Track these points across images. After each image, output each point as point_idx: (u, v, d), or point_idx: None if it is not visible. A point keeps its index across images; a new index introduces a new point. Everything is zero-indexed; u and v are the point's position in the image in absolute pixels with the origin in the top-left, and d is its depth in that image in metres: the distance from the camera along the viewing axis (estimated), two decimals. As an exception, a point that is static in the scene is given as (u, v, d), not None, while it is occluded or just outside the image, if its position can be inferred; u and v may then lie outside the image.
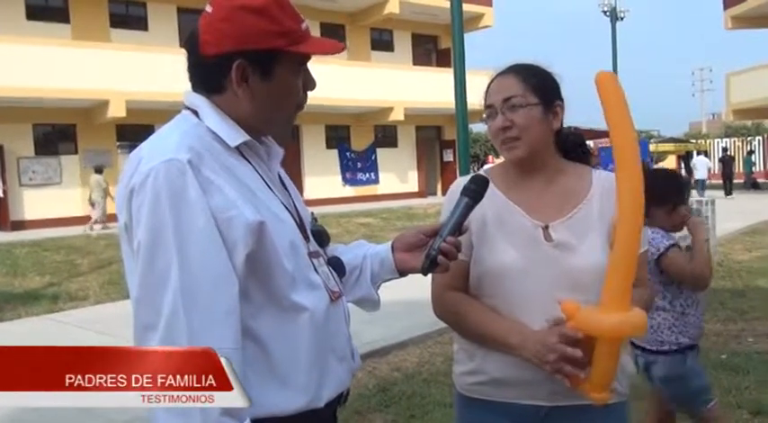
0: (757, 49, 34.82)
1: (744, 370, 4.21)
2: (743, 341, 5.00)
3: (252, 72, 1.21)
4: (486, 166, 20.44)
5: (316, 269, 1.29)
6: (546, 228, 1.54)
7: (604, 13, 23.63)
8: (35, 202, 16.00)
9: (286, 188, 1.36)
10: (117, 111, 15.69)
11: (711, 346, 4.87)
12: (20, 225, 15.45)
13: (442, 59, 22.63)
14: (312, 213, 1.42)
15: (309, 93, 1.33)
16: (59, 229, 14.39)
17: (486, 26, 23.79)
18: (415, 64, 22.96)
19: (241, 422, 1.09)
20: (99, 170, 15.24)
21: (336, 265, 1.40)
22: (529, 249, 1.53)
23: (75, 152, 16.93)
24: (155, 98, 15.84)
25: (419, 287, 1.64)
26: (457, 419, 1.72)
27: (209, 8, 1.24)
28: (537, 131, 1.54)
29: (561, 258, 1.51)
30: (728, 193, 21.96)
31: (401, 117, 20.78)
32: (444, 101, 15.64)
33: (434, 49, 24.36)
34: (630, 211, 1.33)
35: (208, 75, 1.24)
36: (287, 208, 1.28)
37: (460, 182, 1.65)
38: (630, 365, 1.62)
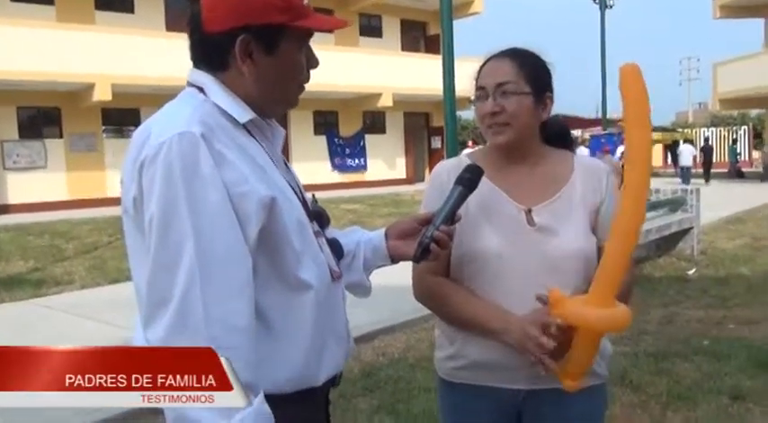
0: (744, 39, 34.98)
1: (725, 356, 4.28)
2: (724, 328, 5.08)
3: (256, 47, 1.21)
4: (466, 151, 20.21)
5: (321, 248, 1.31)
6: (529, 212, 1.56)
7: (593, 1, 23.60)
8: (19, 186, 15.84)
9: (288, 169, 1.37)
10: (102, 94, 15.53)
11: (693, 332, 4.95)
12: (4, 209, 15.30)
13: (431, 46, 22.55)
14: (313, 195, 1.43)
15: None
16: (44, 214, 14.26)
17: (475, 13, 23.73)
18: (403, 50, 22.86)
19: (256, 395, 1.10)
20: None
21: (335, 246, 1.41)
22: (512, 233, 1.54)
23: (60, 136, 16.76)
24: (141, 82, 15.69)
25: (405, 273, 1.65)
26: (439, 404, 1.74)
27: None
28: (525, 120, 1.55)
29: (543, 242, 1.53)
30: (708, 180, 22.67)
31: (389, 103, 20.73)
32: (433, 87, 15.59)
33: (423, 35, 24.26)
34: (632, 208, 1.33)
35: (212, 52, 1.23)
36: (292, 187, 1.29)
37: (443, 166, 1.66)
38: (609, 348, 1.65)
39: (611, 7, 23.22)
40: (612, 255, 1.34)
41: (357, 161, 22.02)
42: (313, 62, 1.31)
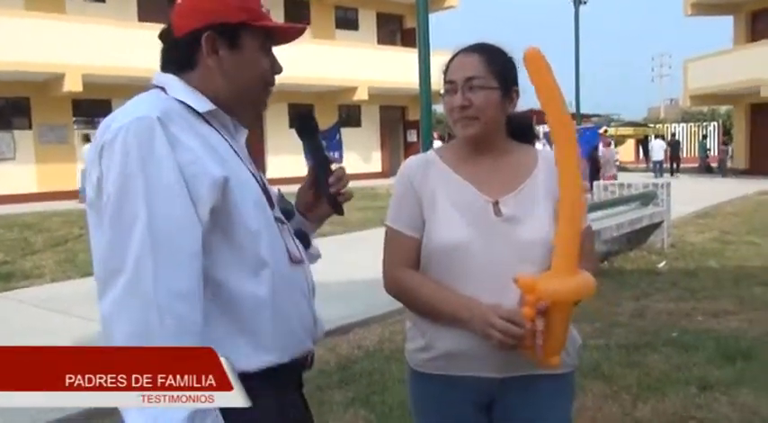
0: (715, 36, 35.57)
1: (693, 347, 4.37)
2: (693, 320, 5.18)
3: (221, 43, 1.31)
4: (436, 143, 20.58)
5: (280, 232, 1.36)
6: (496, 203, 1.59)
7: (568, -4, 23.75)
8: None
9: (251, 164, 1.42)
10: (73, 85, 15.25)
11: (663, 324, 5.04)
12: (-29, 201, 15.00)
13: (407, 39, 22.55)
14: (278, 189, 1.49)
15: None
16: (13, 206, 13.99)
17: (451, 7, 23.76)
18: (379, 43, 22.82)
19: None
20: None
21: (302, 236, 1.47)
22: (479, 224, 1.57)
23: (30, 127, 16.43)
24: (112, 72, 15.44)
25: (379, 266, 1.67)
26: (411, 395, 1.76)
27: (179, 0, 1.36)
28: (493, 113, 1.59)
29: (511, 232, 1.57)
30: (673, 173, 24.14)
31: (365, 97, 20.69)
32: (409, 81, 15.59)
33: (399, 28, 24.24)
34: (568, 179, 1.45)
35: (180, 52, 1.33)
36: (252, 174, 1.35)
37: (410, 163, 1.70)
38: (578, 338, 1.69)
39: (585, 3, 23.40)
40: (564, 226, 1.45)
41: (332, 154, 21.90)
42: (277, 67, 1.40)
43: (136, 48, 14.79)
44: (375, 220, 10.38)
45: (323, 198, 1.53)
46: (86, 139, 15.38)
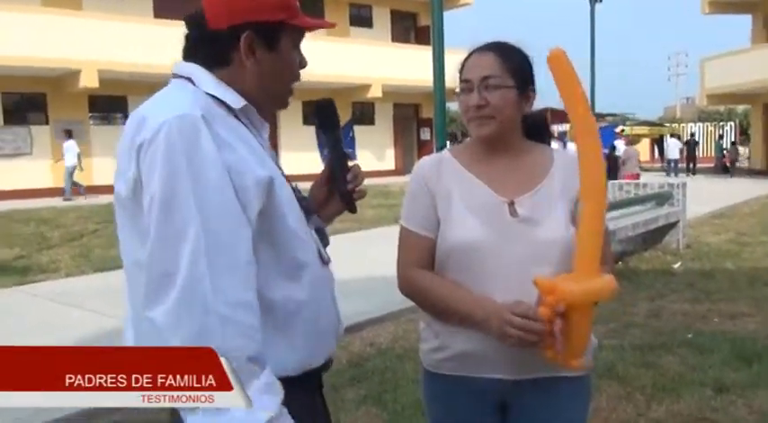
0: (732, 35, 35.16)
1: (708, 349, 4.32)
2: (709, 321, 5.12)
3: (258, 44, 1.26)
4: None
5: (310, 232, 1.34)
6: (511, 203, 1.57)
7: (584, -6, 23.58)
8: (4, 173, 15.67)
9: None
10: (89, 81, 15.38)
11: (678, 325, 4.99)
12: (-12, 195, 15.17)
13: (421, 37, 22.48)
14: (295, 185, 1.46)
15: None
16: (29, 201, 14.13)
17: (466, 4, 23.69)
18: (393, 41, 22.80)
19: (263, 369, 1.11)
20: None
21: (321, 234, 1.44)
22: (495, 225, 1.55)
23: (46, 122, 16.59)
24: (128, 69, 15.55)
25: (393, 264, 1.66)
26: (424, 395, 1.75)
27: None
28: (509, 113, 1.57)
29: (527, 233, 1.55)
30: (693, 173, 24.11)
31: (379, 94, 20.69)
32: (422, 79, 15.54)
33: (413, 26, 24.20)
34: (592, 181, 1.43)
35: (215, 48, 1.26)
36: (282, 173, 1.33)
37: (424, 163, 1.68)
38: (594, 340, 1.67)
39: (600, 1, 23.23)
40: (587, 227, 1.43)
41: (346, 151, 21.95)
42: (303, 61, 1.37)
43: (152, 44, 14.89)
44: (388, 217, 10.37)
45: (336, 195, 1.50)
46: (68, 134, 15.31)
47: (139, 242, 1.14)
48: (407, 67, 20.08)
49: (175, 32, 1.33)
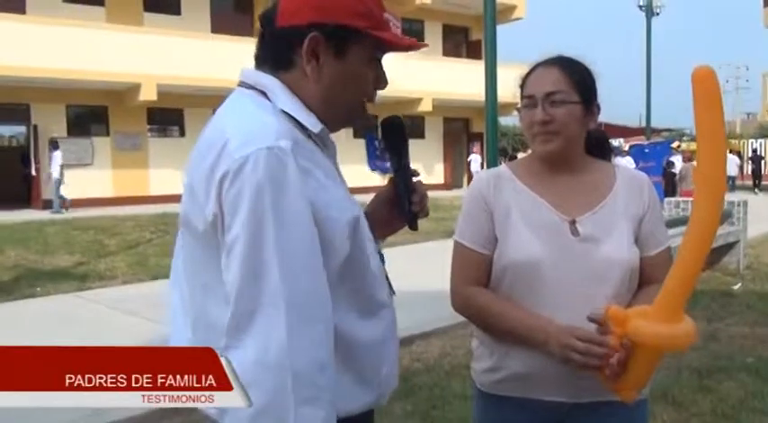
0: (797, 49, 33.89)
1: (770, 375, 4.14)
2: (771, 346, 4.91)
3: (324, 48, 1.14)
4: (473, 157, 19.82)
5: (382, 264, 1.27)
6: (573, 222, 1.54)
7: (640, 8, 23.18)
8: (66, 182, 16.27)
9: None
10: (148, 94, 15.87)
11: (738, 349, 4.80)
12: (50, 204, 15.74)
13: (472, 51, 22.45)
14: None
15: None
16: (90, 210, 14.62)
17: (518, 18, 23.54)
18: (444, 55, 22.81)
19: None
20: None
21: (379, 256, 1.36)
22: (555, 243, 1.52)
23: (107, 134, 17.18)
24: (185, 82, 15.98)
25: (442, 278, 1.63)
26: (476, 416, 1.71)
27: None
28: (574, 129, 1.54)
29: (588, 252, 1.51)
30: (758, 189, 23.34)
31: (429, 108, 20.70)
32: (473, 93, 15.50)
33: (465, 40, 24.17)
34: (704, 220, 1.27)
35: (278, 47, 1.16)
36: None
37: (480, 178, 1.65)
38: None
39: (657, 14, 22.77)
40: (685, 265, 1.29)
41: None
42: (381, 82, 1.25)
43: (208, 59, 15.29)
44: (437, 232, 10.32)
45: (398, 214, 1.40)
46: (54, 145, 15.17)
47: (213, 268, 1.09)
48: (458, 81, 20.05)
49: (231, 48, 1.31)
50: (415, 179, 1.41)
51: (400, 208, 1.39)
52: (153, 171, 17.24)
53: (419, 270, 6.94)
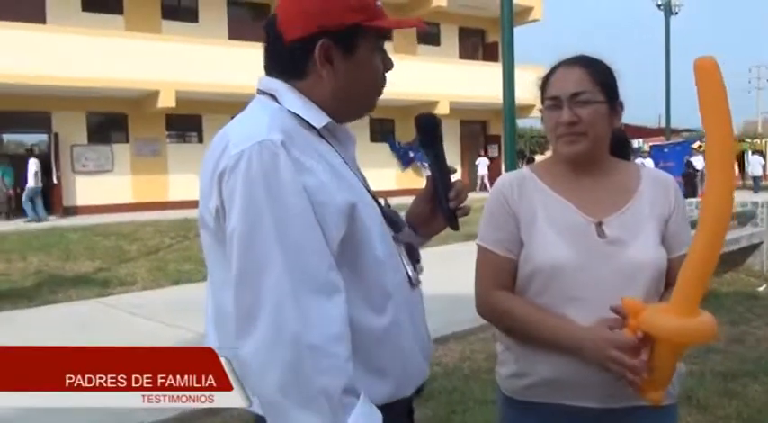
0: (819, 46, 33.31)
1: (798, 378, 4.06)
2: (797, 349, 4.82)
3: (335, 51, 1.20)
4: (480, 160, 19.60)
5: (399, 254, 1.29)
6: (599, 224, 1.51)
7: (658, 7, 22.98)
8: (87, 189, 16.47)
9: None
10: (167, 101, 16.00)
11: (764, 352, 4.72)
12: (72, 210, 15.93)
13: (489, 53, 22.38)
14: (385, 199, 1.40)
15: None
16: (110, 216, 14.77)
17: (535, 20, 23.43)
18: (461, 58, 22.77)
19: (358, 398, 1.09)
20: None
21: (412, 251, 1.36)
22: (582, 246, 1.49)
23: (127, 141, 17.36)
24: (203, 89, 16.11)
25: (461, 283, 1.62)
26: (501, 421, 1.68)
27: None
28: (601, 129, 1.51)
29: (616, 254, 1.48)
30: None
31: (446, 111, 20.64)
32: (490, 95, 15.44)
33: (481, 42, 24.11)
34: (716, 209, 1.26)
35: (291, 60, 1.22)
36: (368, 191, 1.27)
37: (503, 181, 1.62)
38: (683, 368, 1.58)
39: (676, 14, 22.56)
40: (698, 257, 1.28)
41: (422, 163, 21.96)
42: (388, 64, 1.30)
43: (226, 65, 15.39)
44: (455, 235, 10.27)
45: (438, 211, 1.43)
46: (30, 152, 15.07)
47: (224, 266, 1.13)
48: (475, 83, 19.99)
49: (248, 54, 1.33)
50: (453, 178, 1.42)
51: (439, 205, 1.42)
52: (172, 177, 17.39)
53: (437, 273, 6.91)
